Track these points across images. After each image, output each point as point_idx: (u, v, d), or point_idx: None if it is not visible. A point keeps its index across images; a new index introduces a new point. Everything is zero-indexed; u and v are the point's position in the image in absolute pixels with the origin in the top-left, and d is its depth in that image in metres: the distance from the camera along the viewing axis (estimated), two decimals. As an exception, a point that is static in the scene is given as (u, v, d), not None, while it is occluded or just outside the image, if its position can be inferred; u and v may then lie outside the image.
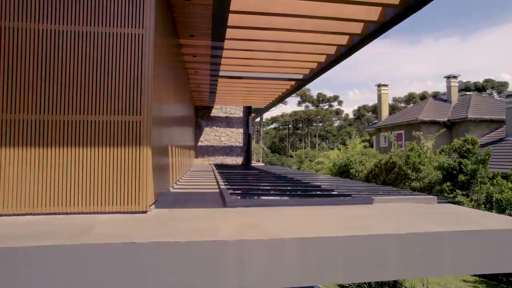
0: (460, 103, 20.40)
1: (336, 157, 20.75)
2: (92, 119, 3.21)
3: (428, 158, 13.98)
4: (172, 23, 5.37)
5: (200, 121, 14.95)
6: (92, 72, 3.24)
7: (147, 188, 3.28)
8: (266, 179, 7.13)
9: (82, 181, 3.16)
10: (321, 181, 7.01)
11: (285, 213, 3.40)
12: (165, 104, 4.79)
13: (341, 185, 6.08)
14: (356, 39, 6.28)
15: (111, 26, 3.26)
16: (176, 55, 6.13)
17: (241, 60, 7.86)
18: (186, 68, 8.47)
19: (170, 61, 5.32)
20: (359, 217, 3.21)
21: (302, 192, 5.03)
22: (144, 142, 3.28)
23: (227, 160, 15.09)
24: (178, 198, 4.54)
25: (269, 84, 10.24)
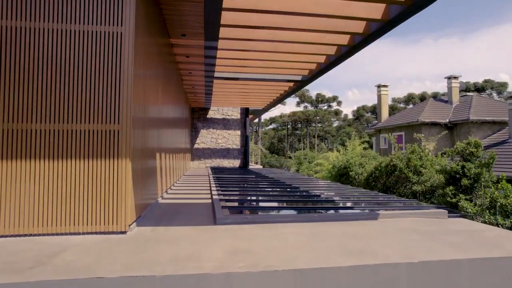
0: (461, 104, 20.09)
1: (335, 159, 20.41)
2: (62, 128, 2.85)
3: (429, 161, 13.64)
4: (161, 22, 5.02)
5: (196, 122, 14.59)
6: (61, 74, 2.88)
7: (126, 206, 2.93)
8: (262, 187, 6.78)
9: (53, 198, 2.81)
10: (320, 189, 6.66)
11: (280, 232, 3.05)
12: (153, 106, 4.44)
13: (342, 194, 5.72)
14: (357, 38, 5.93)
15: (85, 23, 2.91)
16: (166, 55, 5.78)
17: (237, 61, 7.51)
18: (179, 69, 8.11)
19: (159, 61, 4.97)
20: (363, 238, 2.86)
21: (299, 204, 4.68)
22: (122, 154, 2.92)
23: (224, 163, 14.74)
24: (165, 211, 4.19)
25: (267, 86, 9.90)
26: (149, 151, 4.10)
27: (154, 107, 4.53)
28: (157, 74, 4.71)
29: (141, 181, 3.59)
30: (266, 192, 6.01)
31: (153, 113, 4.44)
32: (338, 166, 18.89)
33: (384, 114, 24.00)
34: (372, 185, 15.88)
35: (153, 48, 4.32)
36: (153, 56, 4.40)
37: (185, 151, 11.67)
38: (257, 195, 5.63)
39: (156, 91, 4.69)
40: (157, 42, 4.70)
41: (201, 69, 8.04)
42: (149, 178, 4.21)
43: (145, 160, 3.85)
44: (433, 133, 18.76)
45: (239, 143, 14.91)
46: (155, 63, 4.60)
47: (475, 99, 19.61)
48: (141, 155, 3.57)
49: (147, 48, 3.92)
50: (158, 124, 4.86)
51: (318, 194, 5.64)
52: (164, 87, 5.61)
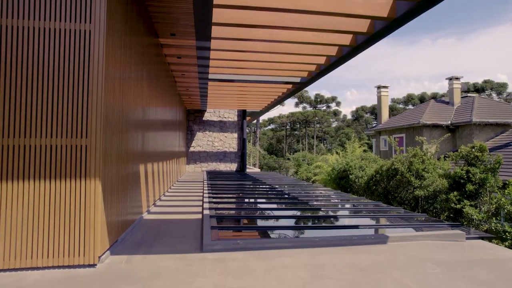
0: (463, 105, 19.68)
1: (334, 161, 20.00)
2: (16, 143, 2.41)
3: (432, 165, 13.24)
4: (147, 20, 4.58)
5: (192, 125, 14.15)
6: (17, 78, 2.44)
7: (95, 234, 2.49)
8: (259, 197, 6.35)
9: (5, 226, 2.37)
10: (321, 200, 6.23)
11: (277, 264, 2.62)
12: (134, 108, 4.01)
13: (345, 207, 5.29)
14: (360, 38, 5.51)
15: (46, 19, 2.47)
16: (153, 55, 5.34)
17: (232, 62, 7.08)
18: (171, 70, 7.67)
19: (144, 62, 4.53)
20: (373, 272, 2.43)
21: (299, 221, 4.24)
22: (91, 173, 2.49)
23: (221, 166, 14.31)
24: (148, 230, 3.75)
25: (264, 88, 9.47)
26: (130, 158, 3.65)
27: (136, 110, 4.09)
28: (140, 76, 4.27)
29: (118, 196, 3.15)
30: (262, 205, 5.57)
31: (135, 116, 4.01)
32: (338, 169, 18.48)
33: (384, 116, 23.58)
34: (372, 189, 15.48)
35: (135, 48, 3.88)
36: (135, 56, 3.96)
37: (179, 155, 11.24)
38: (252, 209, 5.20)
39: (139, 93, 4.25)
40: (141, 41, 4.26)
41: (195, 71, 7.61)
42: (131, 190, 3.77)
43: (124, 169, 3.41)
44: (435, 135, 18.36)
45: (236, 146, 14.48)
46: (138, 64, 4.17)
47: (477, 101, 19.22)
48: (119, 165, 3.13)
49: (127, 48, 3.48)
50: (142, 128, 4.42)
51: (319, 206, 5.21)
52: (151, 89, 5.17)
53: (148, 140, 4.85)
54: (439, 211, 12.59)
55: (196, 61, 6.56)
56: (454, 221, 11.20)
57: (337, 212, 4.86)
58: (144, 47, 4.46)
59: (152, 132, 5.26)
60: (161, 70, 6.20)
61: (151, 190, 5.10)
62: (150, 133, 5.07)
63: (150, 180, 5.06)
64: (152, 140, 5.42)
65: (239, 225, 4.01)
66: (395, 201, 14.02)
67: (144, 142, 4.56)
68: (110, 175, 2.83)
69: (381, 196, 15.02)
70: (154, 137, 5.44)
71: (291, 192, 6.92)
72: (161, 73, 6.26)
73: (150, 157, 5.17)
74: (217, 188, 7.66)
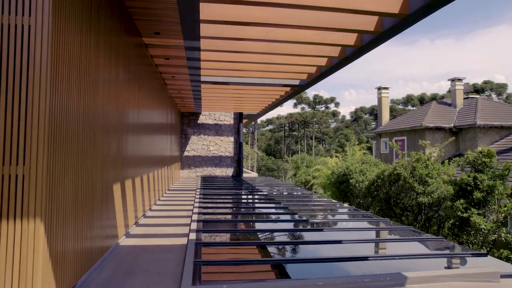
0: (465, 107, 19.18)
1: (334, 165, 19.47)
2: None
3: (436, 170, 12.71)
4: (122, 17, 4.01)
5: (186, 128, 13.57)
6: None
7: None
8: (255, 215, 5.80)
9: None
10: (322, 216, 5.69)
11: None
12: (109, 112, 3.46)
13: (351, 227, 4.76)
14: (367, 38, 4.96)
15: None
16: (135, 57, 4.77)
17: (225, 64, 6.52)
18: (159, 72, 7.10)
19: (120, 64, 3.97)
20: None
21: (297, 252, 3.69)
22: (30, 211, 1.92)
23: (216, 171, 13.74)
24: (122, 265, 3.18)
25: (261, 90, 8.92)
26: (98, 169, 3.09)
27: (109, 113, 3.54)
28: (115, 78, 3.70)
29: (78, 223, 2.60)
30: (257, 224, 5.02)
31: (107, 120, 3.45)
32: (338, 173, 17.96)
33: (384, 117, 23.07)
34: (374, 194, 14.95)
35: (106, 48, 3.31)
36: (108, 57, 3.40)
37: (172, 160, 10.67)
38: (246, 232, 4.64)
39: (114, 96, 3.70)
40: (116, 41, 3.69)
41: (185, 73, 7.04)
42: (101, 211, 3.20)
43: (90, 184, 2.85)
44: (437, 138, 17.86)
45: (232, 150, 13.91)
46: (113, 65, 3.60)
47: (480, 102, 18.71)
48: (79, 180, 2.58)
49: (93, 48, 2.92)
50: (118, 132, 3.86)
51: (321, 226, 4.68)
52: (131, 91, 4.60)
53: (126, 146, 4.28)
54: (443, 218, 12.07)
55: (186, 63, 6.00)
56: (460, 230, 10.71)
57: (342, 235, 4.32)
58: (121, 47, 3.90)
59: (133, 136, 4.70)
60: (146, 72, 5.63)
61: (131, 206, 4.53)
62: (130, 138, 4.50)
63: (130, 194, 4.49)
64: (133, 145, 4.86)
65: (229, 255, 3.46)
66: (398, 207, 13.50)
67: (121, 148, 3.99)
68: (63, 198, 2.27)
69: (383, 202, 14.51)
70: (136, 142, 4.87)
71: (290, 205, 6.38)
72: (146, 75, 5.69)
73: (131, 165, 4.61)
74: (209, 199, 7.10)
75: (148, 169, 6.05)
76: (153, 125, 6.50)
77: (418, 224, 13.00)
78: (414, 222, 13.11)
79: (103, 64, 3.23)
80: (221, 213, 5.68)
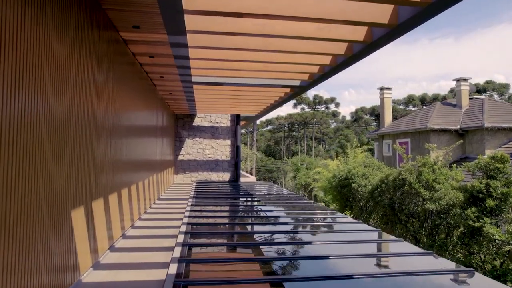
0: (471, 108, 18.50)
1: (336, 167, 18.81)
2: None
3: (444, 175, 12.06)
4: (85, 7, 3.34)
5: (181, 131, 12.90)
6: None
7: None
8: (249, 233, 5.16)
9: None
10: (325, 233, 5.05)
11: None
12: (78, 111, 2.83)
13: (360, 253, 4.14)
14: (378, 32, 4.31)
15: None
16: (112, 54, 4.12)
17: (218, 63, 5.87)
18: (145, 72, 6.44)
19: (90, 63, 3.31)
20: None
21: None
22: None
23: (212, 176, 13.08)
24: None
25: (259, 92, 8.27)
26: (43, 178, 2.44)
27: (83, 113, 2.90)
28: (77, 79, 3.05)
29: (16, 250, 1.95)
30: (250, 251, 4.38)
31: (79, 119, 2.80)
32: (339, 177, 17.31)
33: (387, 119, 22.39)
34: (377, 200, 14.30)
35: (59, 44, 2.66)
36: (71, 57, 2.75)
37: (163, 165, 10.01)
38: (238, 260, 4.00)
39: (78, 98, 3.05)
40: (82, 36, 3.04)
41: (174, 73, 6.39)
42: (51, 241, 2.55)
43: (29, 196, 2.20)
44: (443, 141, 17.20)
45: (229, 154, 13.25)
46: (81, 65, 2.96)
47: (487, 103, 18.05)
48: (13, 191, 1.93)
49: (38, 45, 2.27)
50: (86, 135, 3.21)
51: (325, 252, 4.05)
52: (104, 93, 3.95)
53: (96, 151, 3.63)
54: (452, 227, 11.42)
55: (174, 61, 5.35)
56: (471, 240, 10.06)
57: (350, 264, 3.70)
58: (91, 43, 3.25)
59: (106, 140, 4.04)
60: (126, 71, 4.97)
61: (101, 228, 3.86)
62: (102, 142, 3.84)
63: (100, 212, 3.82)
64: (117, 149, 4.22)
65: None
66: (403, 214, 12.85)
67: (89, 154, 3.34)
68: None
69: (387, 207, 13.85)
70: (110, 146, 4.21)
71: (290, 221, 5.75)
72: (127, 75, 5.03)
73: (104, 173, 3.96)
74: (200, 212, 6.46)
75: (130, 177, 5.40)
76: (136, 128, 5.84)
77: (424, 232, 12.36)
78: (420, 230, 12.47)
79: (80, 62, 2.59)
80: (212, 233, 5.02)
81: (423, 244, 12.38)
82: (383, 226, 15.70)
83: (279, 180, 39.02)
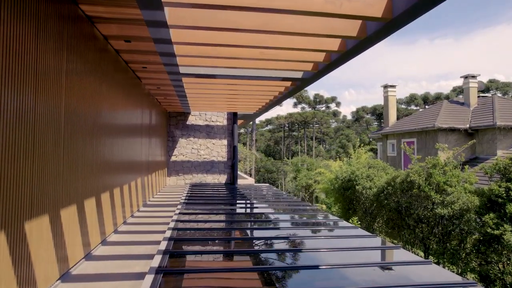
0: (480, 107, 17.64)
1: (338, 168, 17.98)
2: None
3: (455, 177, 11.23)
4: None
5: (174, 130, 12.05)
6: None
7: None
8: (242, 249, 4.35)
9: None
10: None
11: None
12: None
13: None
14: (401, 4, 3.47)
15: None
16: (67, 35, 3.27)
17: (209, 49, 5.04)
18: (123, 61, 5.60)
19: (55, 49, 2.48)
20: None
21: None
22: None
23: (208, 178, 12.23)
24: None
25: (257, 86, 7.43)
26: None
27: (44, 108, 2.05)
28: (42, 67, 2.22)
29: None
30: (243, 277, 3.57)
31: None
32: (342, 178, 16.46)
33: (391, 118, 21.53)
34: (384, 203, 13.44)
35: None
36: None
37: (152, 167, 9.17)
38: (220, 271, 3.21)
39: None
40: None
41: (158, 62, 5.55)
42: None
43: None
44: (451, 140, 16.35)
45: (225, 154, 12.40)
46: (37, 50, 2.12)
47: (497, 101, 17.19)
48: None
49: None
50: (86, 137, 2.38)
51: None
52: (63, 83, 3.11)
53: (77, 150, 2.80)
54: (466, 233, 10.58)
55: (155, 47, 4.50)
56: (488, 248, 9.21)
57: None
58: (25, 19, 2.40)
59: (83, 139, 3.21)
60: (93, 58, 4.12)
61: (70, 241, 3.02)
62: (59, 143, 3.01)
63: (67, 223, 2.98)
64: (94, 151, 3.38)
65: None
66: (411, 219, 12.00)
67: (69, 154, 2.51)
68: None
69: (393, 211, 13.01)
70: (72, 147, 3.38)
71: (284, 228, 4.94)
72: (94, 62, 4.18)
73: (78, 176, 3.13)
74: (188, 221, 5.62)
75: (102, 181, 4.57)
76: (110, 126, 4.99)
77: (434, 238, 11.51)
78: (430, 236, 11.62)
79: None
80: (197, 252, 4.20)
81: (433, 251, 11.54)
82: (388, 230, 14.86)
83: (279, 181, 38.17)
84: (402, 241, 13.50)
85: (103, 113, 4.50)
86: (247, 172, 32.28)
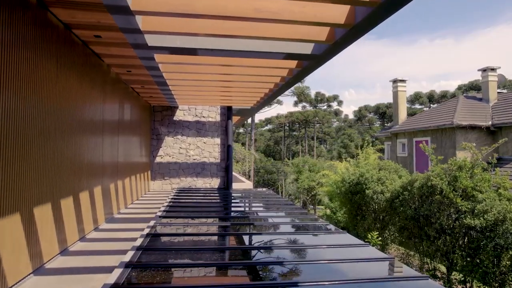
0: (501, 102, 16.04)
1: (344, 170, 16.35)
2: None
3: (486, 181, 9.63)
4: None
5: (159, 127, 10.44)
6: None
7: None
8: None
9: None
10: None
11: None
12: None
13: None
14: None
15: None
16: None
17: (185, 5, 3.44)
18: (75, 35, 3.98)
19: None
20: None
21: None
22: None
23: (198, 182, 10.62)
24: None
25: (255, 68, 5.83)
26: None
27: None
28: None
29: None
30: None
31: None
32: (349, 181, 14.85)
33: (401, 115, 19.91)
34: (399, 210, 11.83)
35: None
36: None
37: (130, 170, 7.57)
38: None
39: None
40: None
41: (114, 26, 3.94)
42: None
43: None
44: (471, 139, 14.75)
45: (218, 155, 10.79)
46: None
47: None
48: None
49: None
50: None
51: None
52: None
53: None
54: (501, 248, 8.99)
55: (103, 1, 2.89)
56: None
57: None
58: None
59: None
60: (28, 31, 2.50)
61: None
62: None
63: None
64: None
65: None
66: (432, 229, 10.38)
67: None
68: None
69: (410, 220, 11.39)
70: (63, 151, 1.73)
71: (293, 261, 3.34)
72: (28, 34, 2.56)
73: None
74: (155, 248, 4.00)
75: (54, 189, 2.96)
76: (84, 124, 3.39)
77: (460, 252, 9.90)
78: (455, 249, 10.02)
79: None
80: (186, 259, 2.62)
81: (459, 267, 9.92)
82: (403, 240, 13.26)
83: (279, 182, 36.56)
84: (419, 252, 11.92)
85: (63, 110, 2.90)
86: (245, 174, 30.67)
